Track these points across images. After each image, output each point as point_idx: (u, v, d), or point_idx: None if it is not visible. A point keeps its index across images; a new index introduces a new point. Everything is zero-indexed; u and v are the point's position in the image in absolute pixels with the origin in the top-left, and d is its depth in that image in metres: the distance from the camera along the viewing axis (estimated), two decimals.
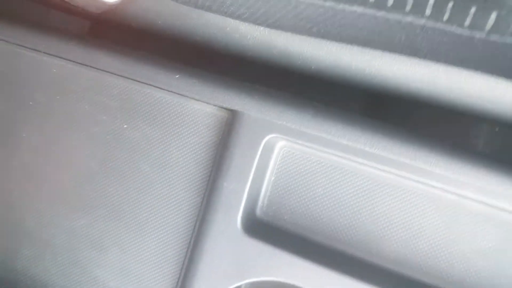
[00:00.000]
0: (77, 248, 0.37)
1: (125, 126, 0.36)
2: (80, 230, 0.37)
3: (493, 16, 0.21)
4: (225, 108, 0.33)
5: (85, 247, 0.37)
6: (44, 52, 0.38)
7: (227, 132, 0.33)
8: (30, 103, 0.38)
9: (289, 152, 0.32)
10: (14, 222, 0.39)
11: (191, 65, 0.33)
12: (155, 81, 0.34)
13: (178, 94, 0.34)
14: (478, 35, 0.19)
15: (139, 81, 0.35)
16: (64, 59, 0.37)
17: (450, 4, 0.22)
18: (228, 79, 0.32)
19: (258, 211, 0.33)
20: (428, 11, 0.22)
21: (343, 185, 0.31)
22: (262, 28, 0.32)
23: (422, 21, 0.21)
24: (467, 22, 0.21)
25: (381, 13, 0.23)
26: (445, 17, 0.22)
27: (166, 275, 0.35)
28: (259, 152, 0.31)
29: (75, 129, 0.37)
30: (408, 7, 0.23)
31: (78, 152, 0.37)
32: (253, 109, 0.31)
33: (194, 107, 0.34)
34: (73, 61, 0.37)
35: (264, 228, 0.33)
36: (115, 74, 0.36)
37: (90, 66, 0.36)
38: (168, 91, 0.34)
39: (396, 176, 0.30)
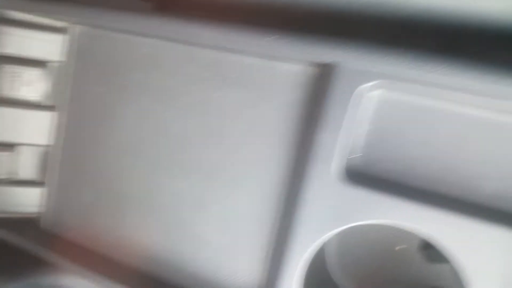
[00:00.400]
0: (179, 209, 0.40)
1: (216, 94, 0.39)
2: (180, 193, 0.40)
3: None
4: (315, 64, 0.35)
5: (186, 208, 0.40)
6: (135, 33, 0.42)
7: (318, 86, 0.35)
8: (127, 83, 0.42)
9: (382, 100, 0.33)
10: (120, 192, 0.43)
11: (279, 27, 0.35)
12: (245, 47, 0.36)
13: (267, 57, 0.37)
14: None
15: (228, 50, 0.38)
16: (155, 37, 0.41)
17: None
18: (318, 34, 0.34)
19: (354, 160, 0.34)
20: None
21: (439, 127, 0.32)
22: None
23: None
24: None
25: None
26: None
27: (263, 226, 0.37)
28: (351, 102, 0.32)
29: (170, 101, 0.40)
30: None
31: (174, 122, 0.40)
32: (347, 60, 0.32)
33: (283, 67, 0.36)
34: (164, 38, 0.40)
35: (360, 176, 0.34)
36: (204, 45, 0.39)
37: (180, 41, 0.40)
38: (257, 55, 0.37)
39: (492, 112, 0.30)
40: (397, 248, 0.41)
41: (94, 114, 0.44)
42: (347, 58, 0.32)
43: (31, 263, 0.48)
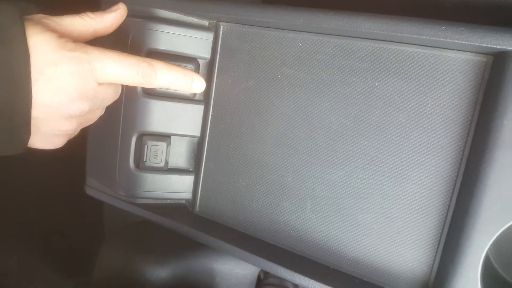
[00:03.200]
0: (337, 197, 0.42)
1: (376, 84, 0.39)
2: (338, 181, 0.42)
3: None
4: (485, 52, 0.35)
5: (345, 196, 0.41)
6: (288, 30, 0.43)
7: (489, 73, 0.35)
8: (278, 77, 0.44)
9: None
10: (274, 180, 0.45)
11: (442, 17, 0.35)
12: (410, 37, 0.36)
13: (429, 46, 0.37)
14: None
15: (387, 40, 0.38)
16: (310, 32, 0.42)
17: None
18: (490, 21, 0.34)
19: None
20: None
21: None
22: None
23: None
24: None
25: None
26: None
27: (431, 216, 0.38)
28: None
29: (325, 93, 0.42)
30: None
31: (330, 114, 0.42)
32: None
33: (449, 56, 0.36)
34: (320, 33, 0.41)
35: None
36: (363, 38, 0.39)
37: (336, 34, 0.41)
38: (419, 45, 0.37)
39: None
40: None
41: (243, 107, 0.46)
42: None
43: (184, 246, 0.52)
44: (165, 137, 0.49)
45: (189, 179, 0.51)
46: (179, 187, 0.51)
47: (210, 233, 0.47)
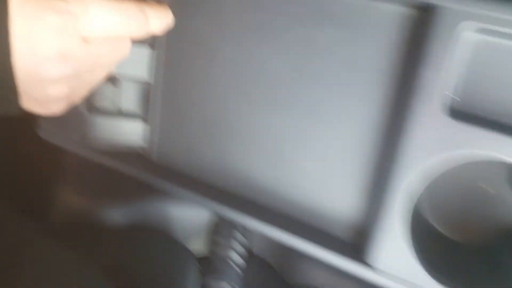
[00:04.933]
0: (279, 142, 0.44)
1: (316, 32, 0.39)
2: (280, 127, 0.43)
3: None
4: (415, 4, 0.35)
5: (287, 141, 0.43)
6: None
7: (420, 27, 0.35)
8: (227, 20, 0.43)
9: (484, 41, 0.34)
10: (224, 126, 0.46)
11: None
12: None
13: None
14: None
15: None
16: None
17: None
18: None
19: (455, 99, 0.36)
20: None
21: None
22: None
23: None
24: None
25: None
26: None
27: (361, 158, 0.40)
28: (454, 43, 0.33)
29: (270, 39, 0.42)
30: None
31: (274, 61, 0.42)
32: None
33: (379, 7, 0.37)
34: None
35: (460, 111, 0.35)
36: None
37: None
38: None
39: None
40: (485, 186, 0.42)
41: (193, 50, 0.46)
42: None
43: (138, 192, 0.53)
44: (112, 79, 0.49)
45: (142, 126, 0.51)
46: (133, 133, 0.51)
47: (165, 179, 0.49)
